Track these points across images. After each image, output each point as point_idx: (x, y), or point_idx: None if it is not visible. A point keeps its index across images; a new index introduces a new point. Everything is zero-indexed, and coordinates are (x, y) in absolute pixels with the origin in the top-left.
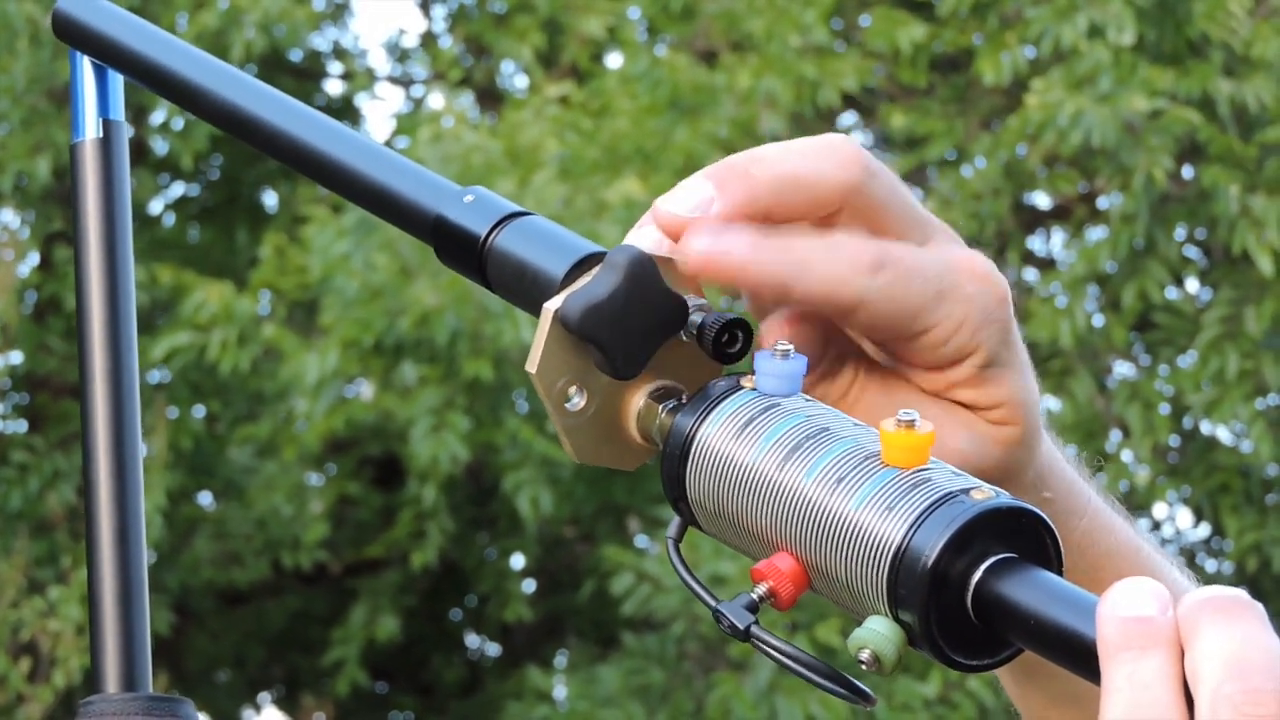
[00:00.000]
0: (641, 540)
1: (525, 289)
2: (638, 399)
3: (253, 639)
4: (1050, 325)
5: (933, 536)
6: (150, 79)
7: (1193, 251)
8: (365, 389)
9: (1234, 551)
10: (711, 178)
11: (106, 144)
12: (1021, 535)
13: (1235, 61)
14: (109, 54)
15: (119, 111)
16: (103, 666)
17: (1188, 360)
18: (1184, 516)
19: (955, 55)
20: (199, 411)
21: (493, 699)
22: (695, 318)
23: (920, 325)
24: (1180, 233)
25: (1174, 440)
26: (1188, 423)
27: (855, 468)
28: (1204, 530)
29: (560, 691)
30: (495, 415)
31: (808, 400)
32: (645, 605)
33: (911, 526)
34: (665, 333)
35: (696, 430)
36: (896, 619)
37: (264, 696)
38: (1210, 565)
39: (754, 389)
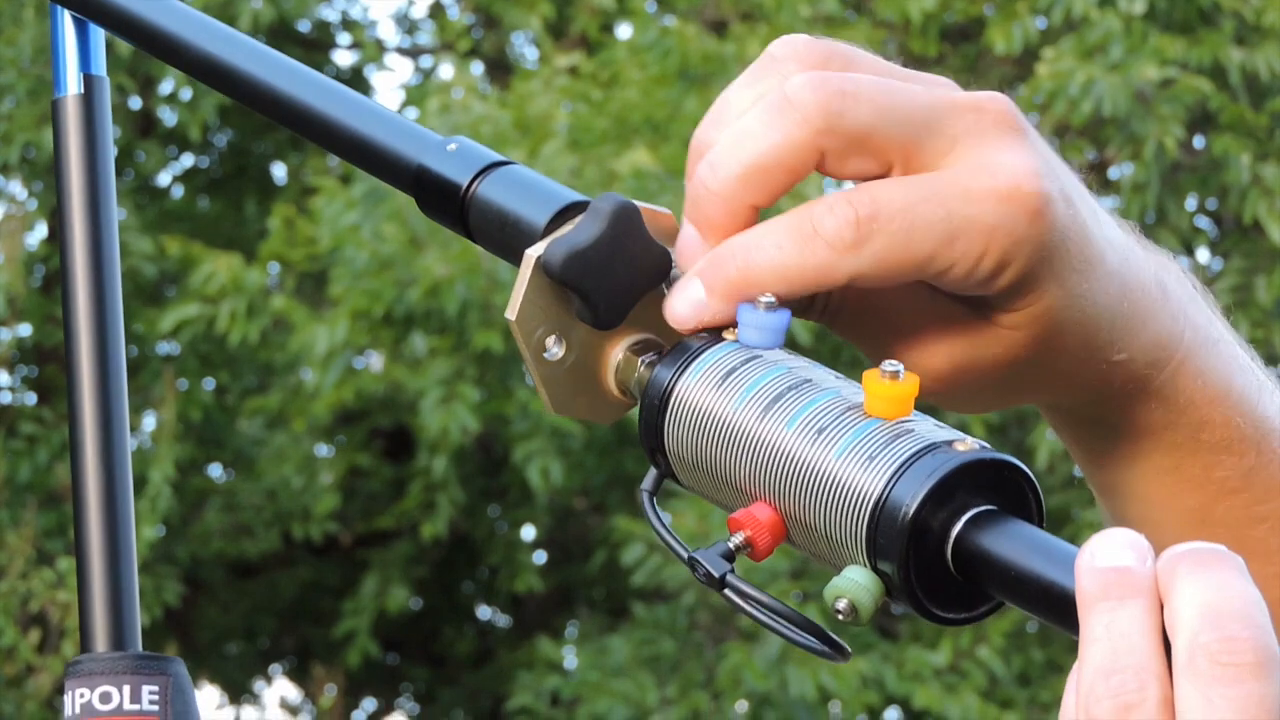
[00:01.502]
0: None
1: (507, 238)
2: (616, 352)
3: (263, 611)
4: None
5: (914, 487)
6: (129, 31)
7: (1204, 221)
8: (375, 360)
9: None
10: (702, 276)
11: (88, 99)
12: (1003, 488)
13: (1246, 30)
14: (89, 7)
15: (100, 66)
16: (91, 626)
17: None
18: None
19: (966, 25)
20: (208, 383)
21: (503, 669)
22: (677, 273)
23: (932, 270)
24: (1191, 202)
25: None
26: None
27: (837, 418)
28: None
29: (571, 662)
30: (505, 386)
31: (790, 353)
32: (656, 576)
33: (893, 476)
34: (648, 283)
35: (676, 380)
36: (875, 569)
37: (275, 668)
38: None
39: (735, 341)
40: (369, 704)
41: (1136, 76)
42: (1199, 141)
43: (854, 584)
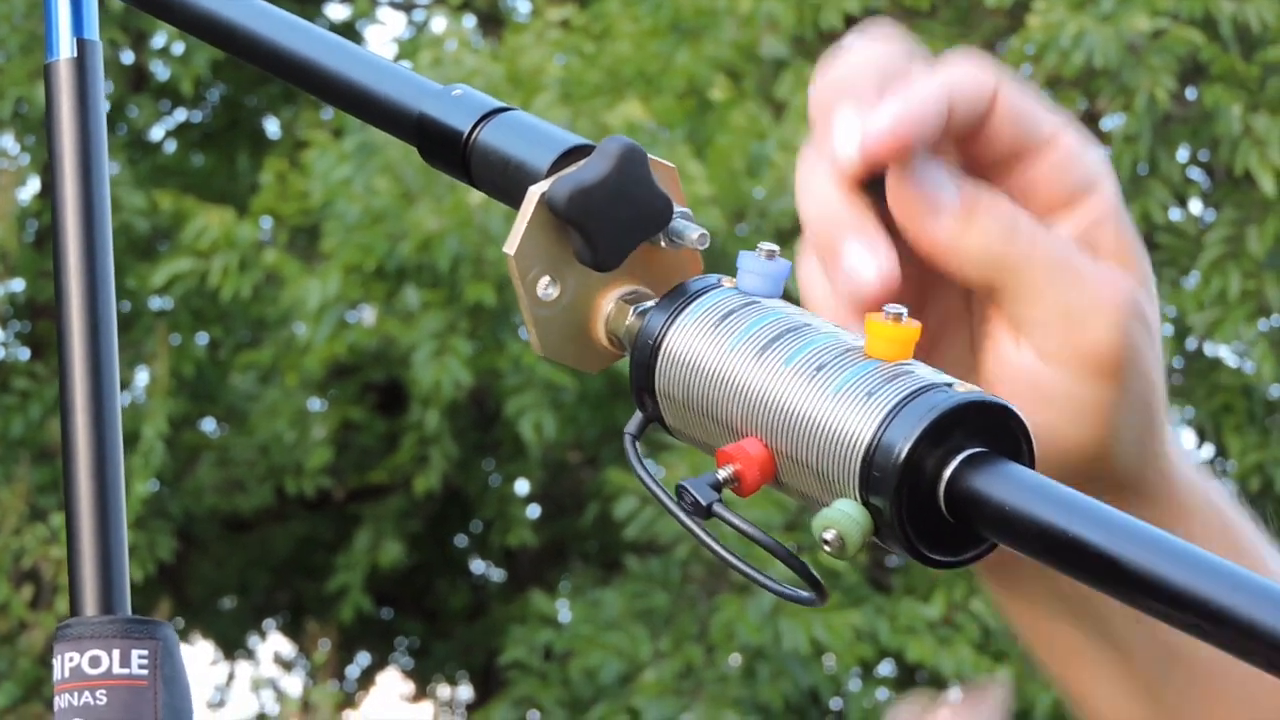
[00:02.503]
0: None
1: (509, 182)
2: (608, 300)
3: (257, 566)
4: None
5: (910, 423)
6: None
7: (1195, 172)
8: (367, 314)
9: (1237, 472)
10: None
11: (81, 64)
12: (997, 432)
13: None
14: None
15: (93, 30)
16: (80, 589)
17: (1190, 281)
18: (1187, 437)
19: None
20: (201, 338)
21: (497, 623)
22: (677, 224)
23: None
24: (1183, 153)
25: (1177, 361)
26: (1190, 344)
27: (836, 357)
28: (1207, 451)
29: (565, 615)
30: (498, 340)
31: (788, 303)
32: (649, 529)
33: (890, 413)
34: (648, 230)
35: (673, 320)
36: (866, 504)
37: (269, 623)
38: None
39: (734, 287)
40: (363, 658)
41: (1128, 28)
42: (1190, 93)
43: (844, 515)
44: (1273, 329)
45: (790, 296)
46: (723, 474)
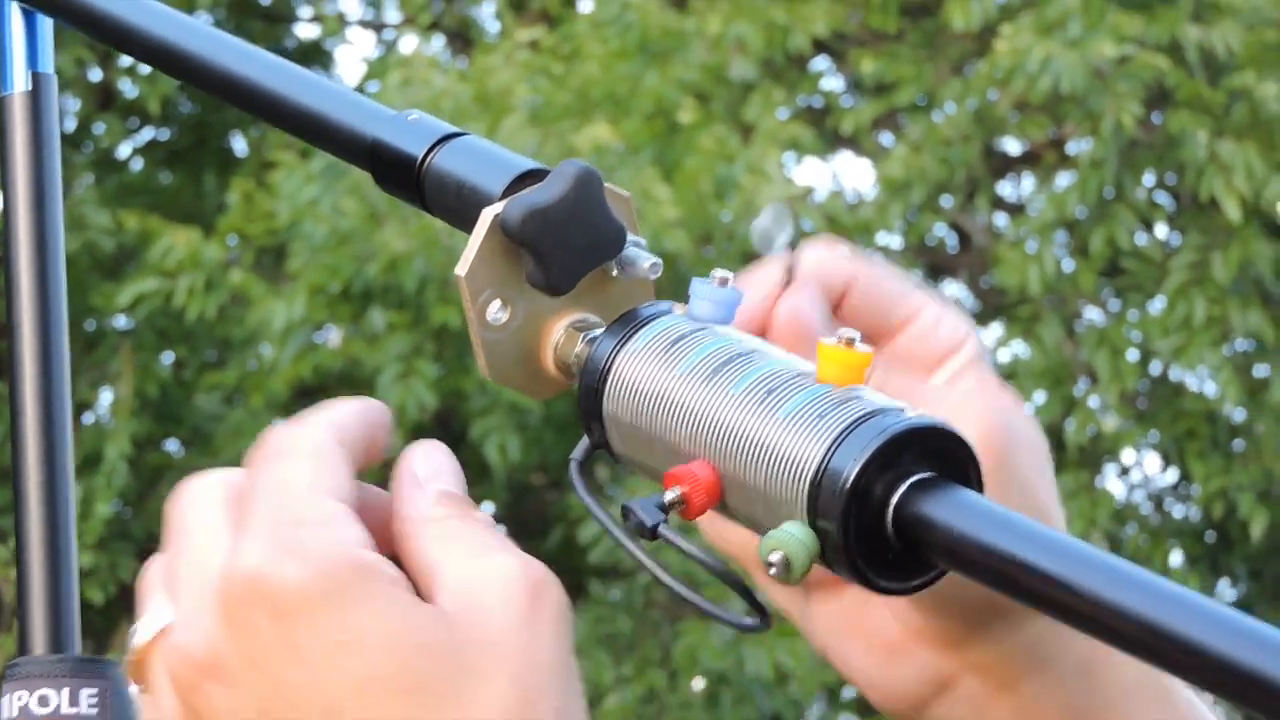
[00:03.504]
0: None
1: (463, 205)
2: (558, 327)
3: None
4: (1019, 271)
5: (859, 446)
6: (77, 19)
7: (1161, 197)
8: (333, 335)
9: (1201, 496)
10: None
11: (35, 97)
12: (945, 457)
13: (1203, 7)
14: None
15: (48, 63)
16: (30, 628)
17: (1156, 306)
18: (1152, 462)
19: (925, 1)
20: (166, 358)
21: None
22: (630, 252)
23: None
24: (1149, 178)
25: (1142, 385)
26: (1155, 368)
27: (787, 381)
28: (1172, 475)
29: None
30: (463, 362)
31: (739, 330)
32: (613, 554)
33: (839, 436)
34: (601, 256)
35: (622, 345)
36: (814, 527)
37: None
38: (1178, 510)
39: (685, 314)
40: None
41: (1094, 53)
42: (1156, 118)
43: (791, 537)
44: (1237, 354)
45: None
46: (670, 496)
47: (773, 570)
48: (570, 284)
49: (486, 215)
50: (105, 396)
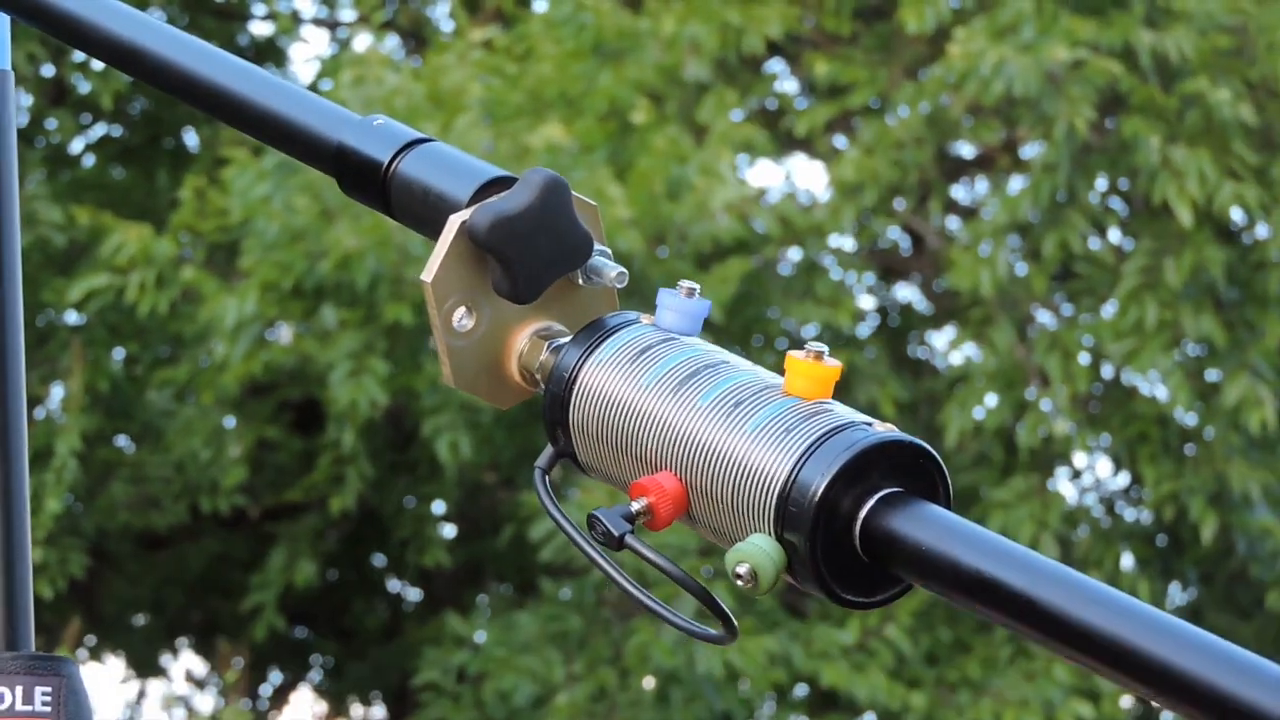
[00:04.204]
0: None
1: (429, 212)
2: (522, 335)
3: (170, 583)
4: (971, 274)
5: (828, 460)
6: (38, 18)
7: (1114, 202)
8: (284, 332)
9: (1152, 500)
10: None
11: None
12: (913, 471)
13: (1157, 12)
14: None
15: (5, 59)
16: None
17: (1108, 310)
18: (1103, 465)
19: (879, 3)
20: (117, 354)
21: (412, 644)
22: (596, 261)
23: None
24: (1102, 183)
25: (1094, 389)
26: (1107, 372)
27: (754, 394)
28: (1123, 479)
29: (480, 637)
30: (415, 360)
31: (706, 341)
32: (564, 552)
33: (807, 450)
34: (567, 264)
35: (588, 354)
36: (780, 540)
37: (181, 641)
38: (1129, 514)
39: (652, 324)
40: (276, 677)
41: (1047, 57)
42: (1110, 123)
43: (758, 549)
44: (1188, 358)
45: None
46: (636, 506)
47: (740, 582)
48: (536, 292)
49: (453, 222)
50: (56, 392)
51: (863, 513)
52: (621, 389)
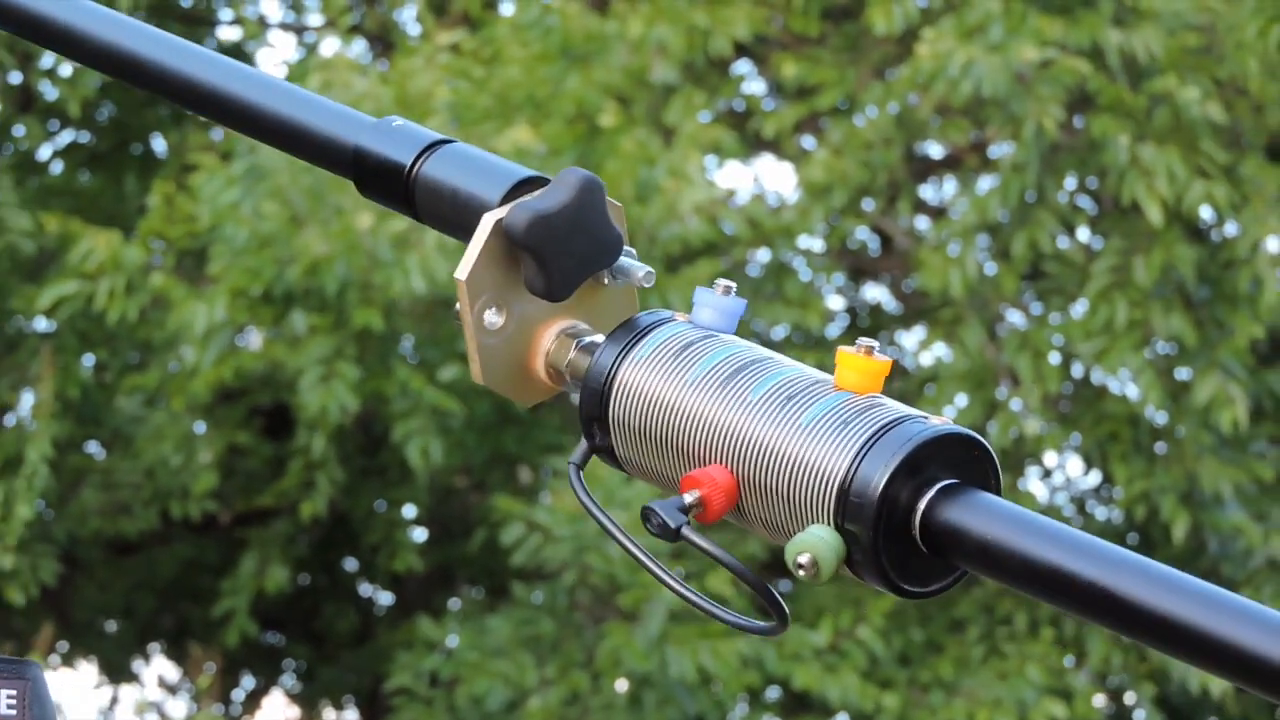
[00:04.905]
0: (539, 492)
1: (458, 213)
2: (549, 333)
3: (142, 589)
4: (941, 274)
5: (888, 453)
6: (29, 29)
7: (1083, 201)
8: (254, 338)
9: (1123, 499)
10: None
11: None
12: (969, 464)
13: (1125, 11)
14: None
15: None
16: None
17: (1078, 309)
18: (1074, 465)
19: (847, 4)
20: (87, 361)
21: (384, 648)
22: (624, 261)
23: None
24: (1070, 182)
25: (1064, 389)
26: (1077, 371)
27: (806, 388)
28: (1094, 478)
29: (453, 641)
30: (385, 365)
31: (744, 340)
32: (535, 555)
33: (868, 442)
34: (599, 263)
35: (628, 351)
36: (841, 531)
37: (153, 646)
38: (1100, 513)
39: (688, 321)
40: (248, 682)
41: (1016, 57)
42: (1078, 122)
43: (819, 540)
44: (1159, 357)
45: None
46: (689, 498)
47: (801, 572)
48: (569, 291)
49: (488, 220)
50: (26, 399)
51: (922, 504)
52: (666, 385)
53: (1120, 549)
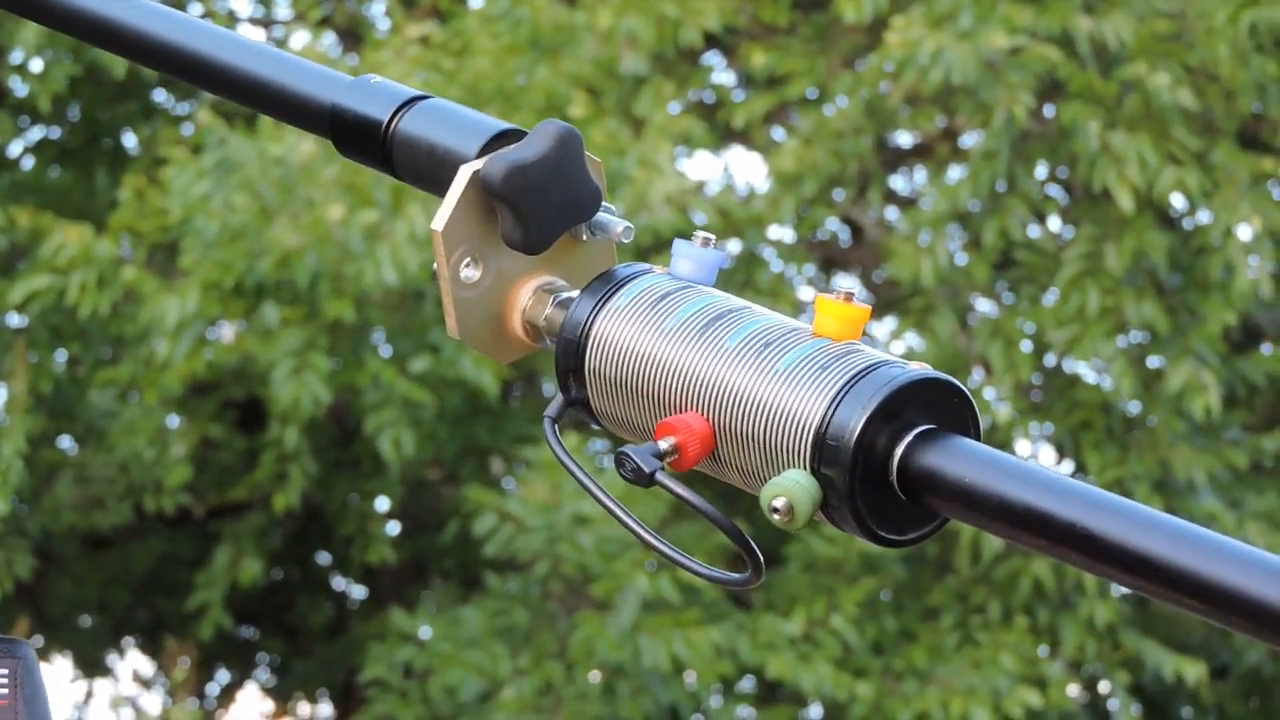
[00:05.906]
0: (509, 481)
1: (436, 167)
2: (526, 289)
3: (117, 583)
4: (912, 263)
5: (865, 397)
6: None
7: (1054, 189)
8: (226, 331)
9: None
10: None
11: None
12: (948, 410)
13: None
14: None
15: None
16: None
17: (1049, 298)
18: (1047, 453)
19: None
20: (60, 355)
21: (357, 641)
22: (602, 216)
23: None
24: (1041, 170)
25: (1036, 378)
26: (1049, 360)
27: (783, 335)
28: (1067, 466)
29: (425, 633)
30: (357, 356)
31: (722, 291)
32: (508, 546)
33: (844, 387)
34: (577, 216)
35: (604, 302)
36: (817, 475)
37: (128, 641)
38: None
39: (666, 273)
40: (223, 676)
41: (985, 45)
42: (1049, 110)
43: (795, 484)
44: (1131, 345)
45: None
46: (664, 444)
47: (775, 516)
48: (546, 244)
49: (465, 171)
50: None
51: (899, 449)
52: (642, 334)
53: (1100, 490)
